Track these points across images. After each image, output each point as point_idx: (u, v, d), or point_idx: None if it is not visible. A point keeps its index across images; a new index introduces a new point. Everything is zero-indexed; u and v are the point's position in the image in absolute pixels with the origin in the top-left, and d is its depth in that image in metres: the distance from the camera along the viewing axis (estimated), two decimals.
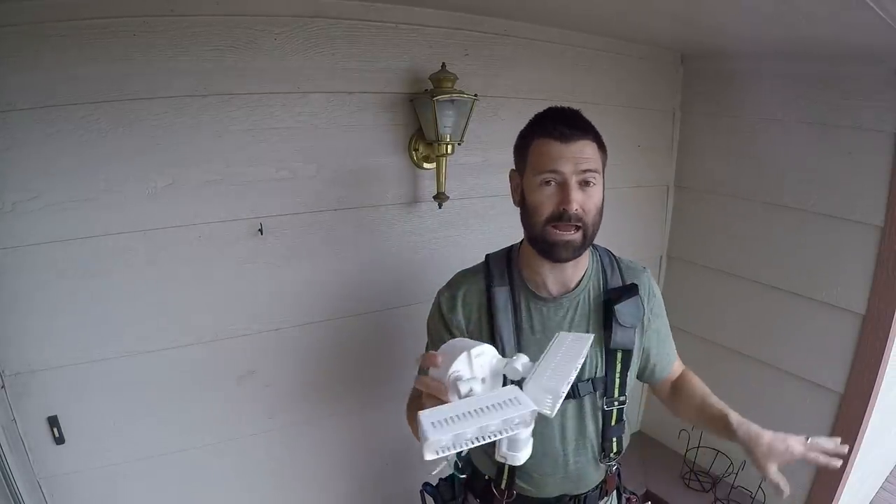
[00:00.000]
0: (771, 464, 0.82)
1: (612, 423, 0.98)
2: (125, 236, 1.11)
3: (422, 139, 1.35)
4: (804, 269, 1.58)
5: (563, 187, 0.85)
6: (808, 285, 1.58)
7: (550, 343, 0.77)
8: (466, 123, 1.30)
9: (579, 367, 0.70)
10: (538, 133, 0.89)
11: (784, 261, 1.63)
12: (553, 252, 0.88)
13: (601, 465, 1.02)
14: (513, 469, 0.98)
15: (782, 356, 1.67)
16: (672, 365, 1.07)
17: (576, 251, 0.88)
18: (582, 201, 0.86)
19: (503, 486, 1.00)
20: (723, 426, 0.89)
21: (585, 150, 0.86)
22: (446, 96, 1.22)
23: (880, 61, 1.33)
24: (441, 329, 1.01)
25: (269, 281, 1.28)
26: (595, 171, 0.87)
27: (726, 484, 1.83)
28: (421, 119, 1.30)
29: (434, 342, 1.04)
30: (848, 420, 1.52)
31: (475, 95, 1.27)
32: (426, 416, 0.59)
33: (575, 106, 0.95)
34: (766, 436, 0.83)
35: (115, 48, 1.02)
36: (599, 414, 0.97)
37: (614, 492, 1.09)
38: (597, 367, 0.96)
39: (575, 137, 0.86)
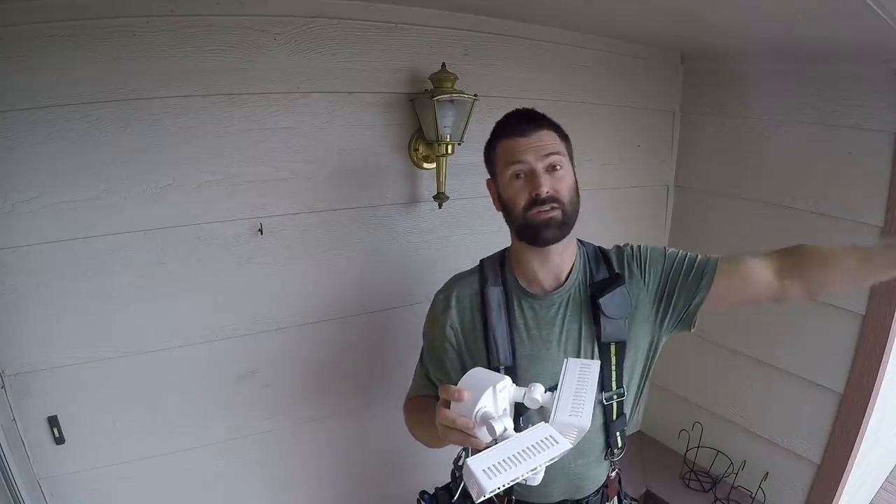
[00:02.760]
0: None
1: (613, 417, 0.98)
2: (125, 236, 1.11)
3: (422, 139, 1.35)
4: None
5: (532, 176, 0.89)
6: None
7: (562, 371, 0.79)
8: (466, 123, 1.30)
9: (594, 396, 0.75)
10: (499, 136, 0.94)
11: None
12: (539, 234, 0.90)
13: (604, 462, 1.02)
14: None
15: (782, 356, 1.67)
16: (716, 262, 0.95)
17: (559, 228, 0.90)
18: (552, 184, 0.89)
19: (502, 492, 1.00)
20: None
21: (544, 139, 0.90)
22: (446, 96, 1.22)
23: (880, 61, 1.33)
24: (436, 331, 1.02)
25: (269, 281, 1.28)
26: (558, 154, 0.90)
27: (726, 484, 1.83)
28: (421, 119, 1.30)
29: (428, 345, 1.06)
30: (848, 420, 1.52)
31: (475, 95, 1.27)
32: (476, 464, 0.62)
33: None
34: None
35: (116, 48, 1.02)
36: (599, 409, 0.97)
37: (615, 497, 1.08)
38: None
39: (531, 130, 0.90)
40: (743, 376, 1.78)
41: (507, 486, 0.61)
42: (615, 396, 0.97)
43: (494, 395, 0.71)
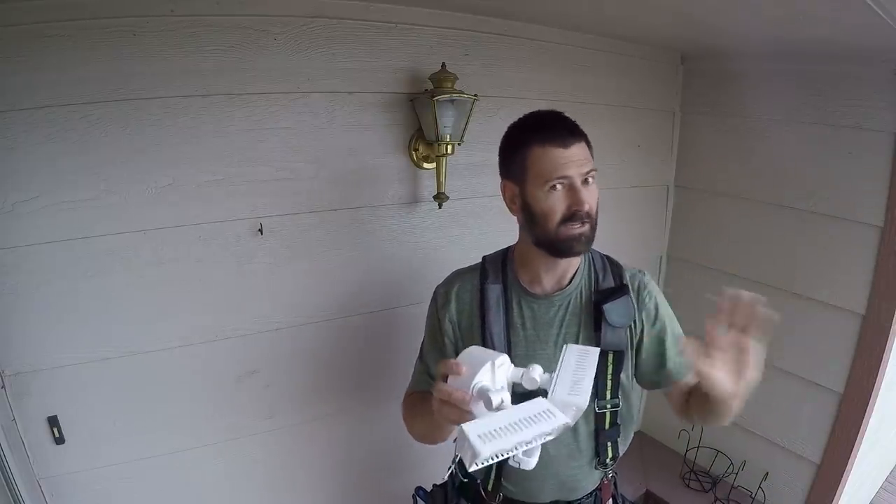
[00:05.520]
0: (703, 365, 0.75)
1: (606, 426, 0.97)
2: (125, 236, 1.11)
3: (422, 139, 1.35)
4: (804, 269, 1.58)
5: (573, 190, 0.87)
6: (808, 285, 1.58)
7: (561, 355, 0.78)
8: (466, 123, 1.29)
9: (593, 377, 0.73)
10: (536, 140, 0.88)
11: (784, 261, 1.63)
12: (570, 248, 0.89)
13: (596, 470, 1.01)
14: (499, 472, 0.99)
15: (782, 356, 1.67)
16: (688, 370, 0.99)
17: (588, 243, 0.90)
18: (588, 198, 0.88)
19: (489, 489, 1.00)
20: (700, 389, 0.83)
21: (583, 152, 0.88)
22: (446, 96, 1.22)
23: (880, 61, 1.33)
24: (434, 324, 1.03)
25: (269, 281, 1.28)
26: (595, 170, 0.89)
27: (726, 484, 1.83)
28: (421, 119, 1.30)
29: (428, 340, 1.06)
30: (848, 420, 1.52)
31: (475, 95, 1.26)
32: (471, 429, 0.61)
33: (575, 106, 0.95)
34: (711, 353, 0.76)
35: (116, 48, 1.02)
36: (591, 417, 0.96)
37: (610, 500, 1.08)
38: None
39: (574, 141, 0.87)
40: None
41: (502, 456, 0.60)
42: (609, 406, 0.96)
43: (493, 371, 0.70)
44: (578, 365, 0.75)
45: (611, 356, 0.95)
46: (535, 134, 0.89)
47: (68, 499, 1.18)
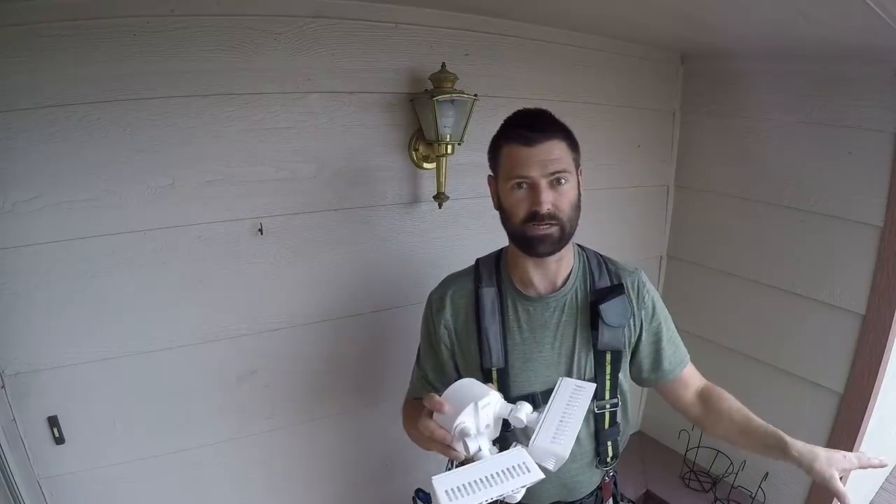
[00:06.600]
0: (834, 475, 0.81)
1: (605, 426, 0.97)
2: (125, 236, 1.11)
3: (422, 139, 1.35)
4: (804, 269, 1.58)
5: (534, 190, 0.86)
6: (808, 285, 1.58)
7: (555, 389, 0.79)
8: (466, 123, 1.29)
9: (581, 423, 0.74)
10: (506, 139, 0.90)
11: (784, 261, 1.63)
12: (533, 247, 0.89)
13: (597, 470, 1.01)
14: None
15: (782, 356, 1.67)
16: (681, 368, 1.04)
17: (554, 245, 0.89)
18: (554, 200, 0.86)
19: None
20: (775, 446, 0.88)
21: (553, 151, 0.86)
22: (446, 96, 1.22)
23: (880, 61, 1.33)
24: (430, 330, 1.02)
25: (268, 281, 1.28)
26: (564, 171, 0.87)
27: (726, 484, 1.83)
28: (421, 119, 1.30)
29: (424, 344, 1.06)
30: (848, 420, 1.52)
31: (475, 95, 1.26)
32: (440, 483, 0.61)
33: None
34: (822, 450, 0.83)
35: (116, 48, 1.02)
36: (591, 417, 0.96)
37: (611, 499, 1.08)
38: (585, 369, 0.95)
39: (540, 140, 0.86)
40: (743, 376, 1.78)
41: None
42: (608, 406, 0.96)
43: (476, 412, 0.70)
44: (569, 406, 0.75)
45: (608, 356, 0.95)
46: (507, 131, 0.90)
47: (68, 499, 1.18)
